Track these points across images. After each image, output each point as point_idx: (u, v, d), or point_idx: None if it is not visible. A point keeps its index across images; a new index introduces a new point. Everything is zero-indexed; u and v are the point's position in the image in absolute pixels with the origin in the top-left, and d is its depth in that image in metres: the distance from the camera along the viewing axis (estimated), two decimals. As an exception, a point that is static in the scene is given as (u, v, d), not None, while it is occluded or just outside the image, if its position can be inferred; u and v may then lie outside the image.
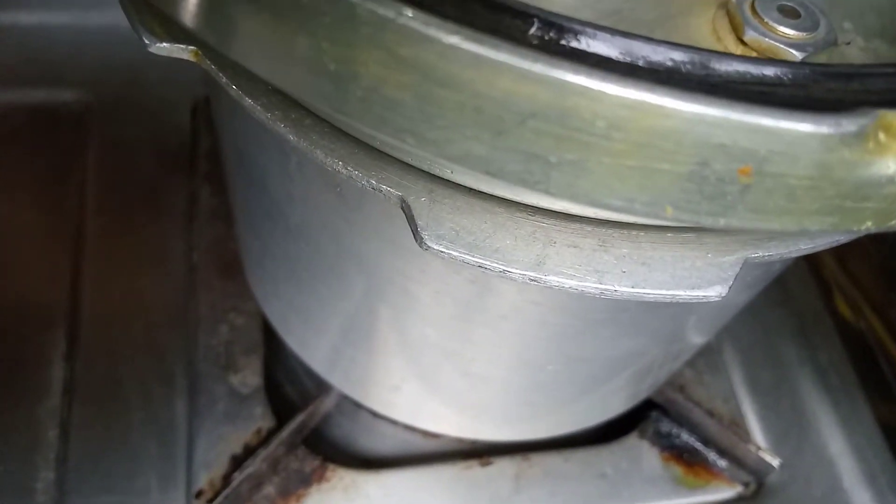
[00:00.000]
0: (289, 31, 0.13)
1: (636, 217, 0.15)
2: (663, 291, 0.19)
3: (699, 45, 0.21)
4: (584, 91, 0.12)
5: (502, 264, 0.19)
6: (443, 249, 0.19)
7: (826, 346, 0.55)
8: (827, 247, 0.22)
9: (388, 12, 0.12)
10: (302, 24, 0.13)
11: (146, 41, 0.22)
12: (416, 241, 0.20)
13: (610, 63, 0.13)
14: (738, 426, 0.48)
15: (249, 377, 0.46)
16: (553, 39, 0.13)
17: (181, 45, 0.22)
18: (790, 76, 0.14)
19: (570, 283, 0.19)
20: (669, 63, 0.14)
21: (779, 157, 0.13)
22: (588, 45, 0.13)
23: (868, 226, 0.15)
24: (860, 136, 0.13)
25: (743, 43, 0.21)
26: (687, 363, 0.50)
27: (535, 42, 0.13)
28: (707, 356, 0.51)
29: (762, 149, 0.13)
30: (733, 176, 0.13)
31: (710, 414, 0.48)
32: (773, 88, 0.14)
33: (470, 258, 0.19)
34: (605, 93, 0.12)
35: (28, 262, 0.50)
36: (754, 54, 0.21)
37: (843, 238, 0.22)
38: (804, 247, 0.22)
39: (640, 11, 0.22)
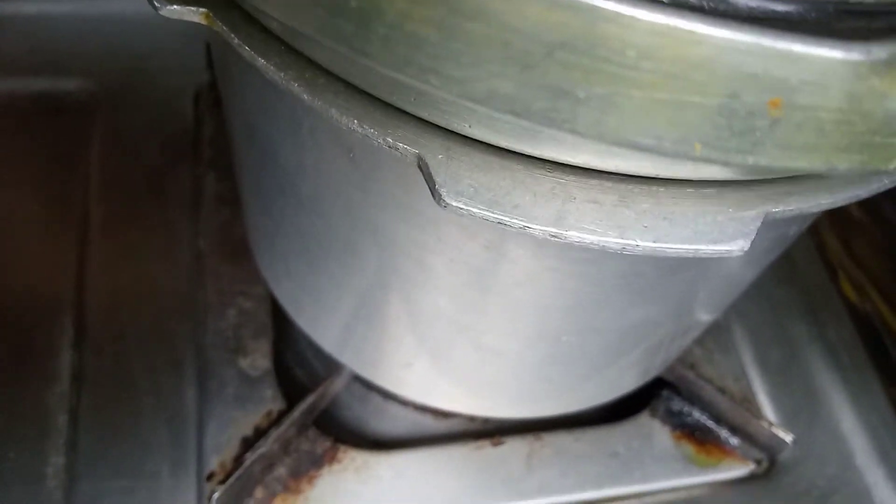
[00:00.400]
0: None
1: (663, 157, 0.15)
2: (685, 245, 0.19)
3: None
4: (615, 17, 0.12)
5: (522, 220, 0.19)
6: (461, 206, 0.19)
7: (835, 324, 0.55)
8: (847, 202, 0.22)
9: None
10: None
11: (156, 4, 0.22)
12: (434, 198, 0.19)
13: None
14: (749, 403, 0.48)
15: (259, 360, 0.46)
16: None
17: (191, 7, 0.22)
18: (814, 13, 0.14)
19: (591, 238, 0.19)
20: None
21: (809, 87, 0.13)
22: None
23: None
24: (891, 65, 0.13)
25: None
26: (697, 342, 0.50)
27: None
28: (717, 335, 0.51)
29: (793, 77, 0.13)
30: (763, 108, 0.13)
31: (722, 391, 0.47)
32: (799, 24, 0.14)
33: (489, 214, 0.19)
34: (636, 18, 0.12)
35: (34, 251, 0.49)
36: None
37: (863, 193, 0.22)
38: (824, 201, 0.21)
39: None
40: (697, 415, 0.48)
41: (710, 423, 0.48)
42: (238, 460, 0.41)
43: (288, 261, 0.35)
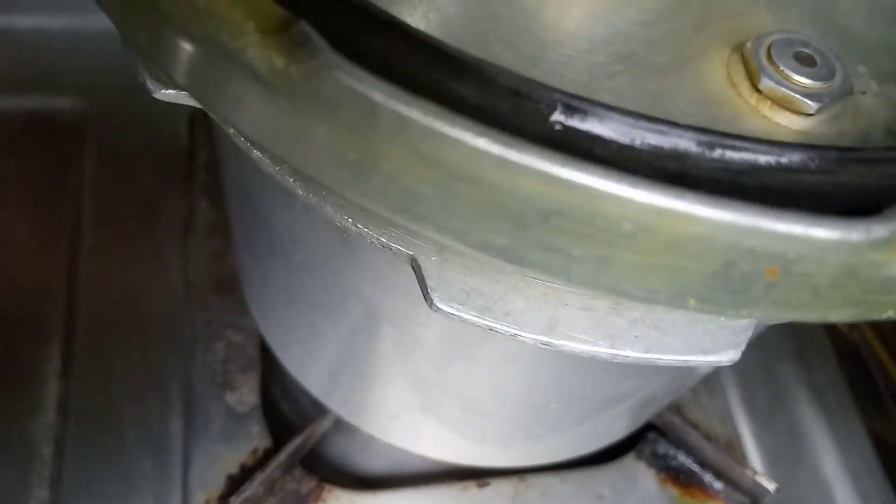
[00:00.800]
0: (306, 118, 0.13)
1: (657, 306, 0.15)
2: (676, 357, 0.19)
3: (714, 93, 0.20)
4: (611, 196, 0.12)
5: (514, 328, 0.19)
6: (453, 312, 0.19)
7: (822, 366, 0.55)
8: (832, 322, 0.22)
9: (411, 112, 0.12)
10: (321, 114, 0.13)
11: (150, 87, 0.21)
12: (426, 302, 0.19)
13: (635, 159, 0.13)
14: (734, 448, 0.48)
15: (246, 395, 0.46)
16: (576, 129, 0.13)
17: (185, 92, 0.22)
18: (817, 162, 0.14)
19: (582, 347, 0.19)
20: (693, 149, 0.14)
21: (807, 261, 0.13)
22: (612, 133, 0.13)
23: (889, 314, 0.15)
24: (890, 241, 0.13)
25: (758, 90, 0.21)
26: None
27: (559, 129, 0.13)
28: (705, 377, 0.51)
29: (791, 252, 0.13)
30: (759, 275, 0.13)
31: (707, 437, 0.48)
32: (800, 175, 0.14)
33: (481, 321, 0.19)
34: (632, 199, 0.12)
35: (22, 275, 0.49)
36: (769, 103, 0.20)
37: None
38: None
39: (654, 55, 0.22)
40: (683, 458, 0.48)
41: (695, 467, 0.48)
42: (223, 500, 0.41)
43: (276, 309, 0.35)
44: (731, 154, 0.14)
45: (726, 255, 0.13)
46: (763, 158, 0.14)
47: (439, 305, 0.19)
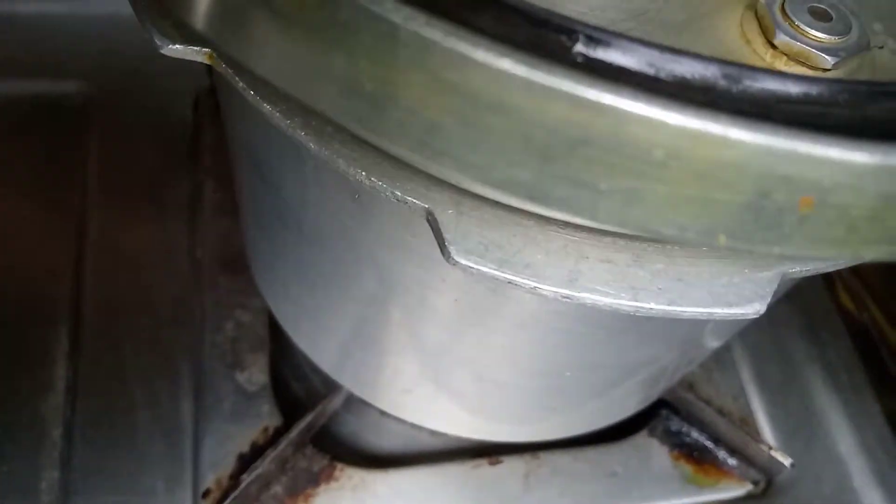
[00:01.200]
0: (322, 48, 0.12)
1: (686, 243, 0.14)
2: (701, 309, 0.19)
3: (728, 49, 0.20)
4: (643, 120, 0.12)
5: (534, 281, 0.18)
6: (471, 265, 0.19)
7: (834, 343, 0.54)
8: (866, 259, 0.21)
9: (433, 34, 0.11)
10: (338, 42, 0.12)
11: (158, 42, 0.21)
12: (443, 255, 0.19)
13: (660, 91, 0.12)
14: (748, 424, 0.48)
15: (256, 374, 0.46)
16: (599, 61, 0.12)
17: (195, 48, 0.21)
18: (846, 96, 0.13)
19: (604, 300, 0.18)
20: (720, 81, 0.13)
21: (843, 189, 0.12)
22: (637, 64, 0.13)
23: (926, 251, 0.14)
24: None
25: (773, 46, 0.20)
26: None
27: (581, 60, 0.13)
28: (716, 353, 0.50)
29: (827, 179, 0.12)
30: (794, 206, 0.13)
31: (720, 412, 0.47)
32: (829, 109, 0.13)
33: (500, 274, 0.19)
34: (664, 122, 0.12)
35: (29, 258, 0.49)
36: (784, 59, 0.20)
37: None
38: (843, 260, 0.21)
39: (667, 12, 0.21)
40: (696, 435, 0.48)
41: (709, 444, 0.48)
42: (234, 478, 0.41)
43: (287, 284, 0.35)
44: (758, 85, 0.13)
45: (760, 184, 0.12)
46: (792, 89, 0.13)
47: (457, 258, 0.19)
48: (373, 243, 0.25)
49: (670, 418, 0.48)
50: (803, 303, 0.55)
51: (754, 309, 0.19)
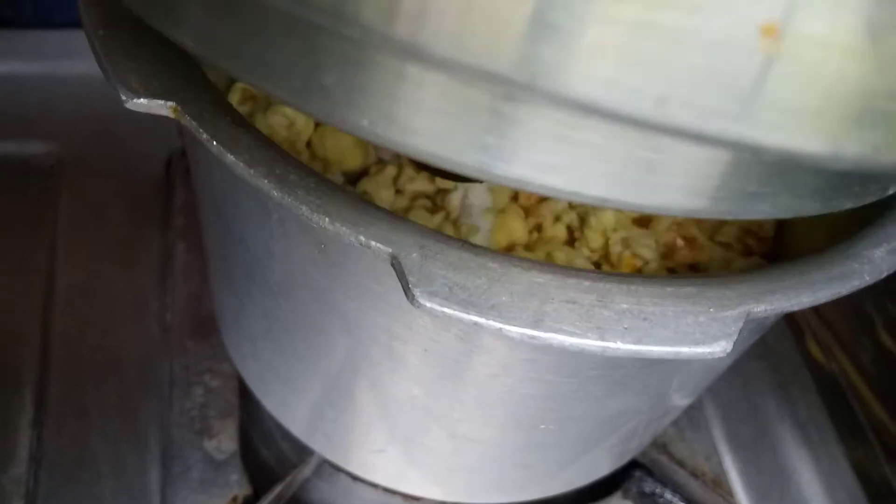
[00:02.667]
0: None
1: (626, 121, 0.13)
2: (667, 348, 0.19)
3: None
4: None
5: (499, 322, 0.18)
6: (436, 307, 0.18)
7: (804, 399, 0.54)
8: (828, 299, 0.21)
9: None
10: None
11: (123, 96, 0.21)
12: (408, 298, 0.19)
13: None
14: (720, 486, 0.47)
15: (225, 442, 0.44)
16: None
17: (160, 101, 0.21)
18: None
19: (570, 340, 0.18)
20: None
21: (816, 6, 0.10)
22: None
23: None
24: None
25: None
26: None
27: None
28: (688, 412, 0.50)
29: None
30: (754, 39, 0.10)
31: (693, 474, 0.47)
32: None
33: (465, 316, 0.18)
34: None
35: (-7, 322, 0.48)
36: None
37: (843, 290, 0.22)
38: (805, 299, 0.21)
39: None
40: (669, 497, 0.47)
41: (682, 506, 0.47)
42: (201, 550, 0.39)
43: (254, 341, 0.34)
44: None
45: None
46: None
47: (421, 301, 0.18)
48: (338, 293, 0.25)
49: (644, 479, 0.47)
50: (773, 359, 0.56)
51: (721, 347, 0.19)
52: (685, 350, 0.19)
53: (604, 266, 0.38)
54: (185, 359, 0.47)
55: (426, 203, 0.37)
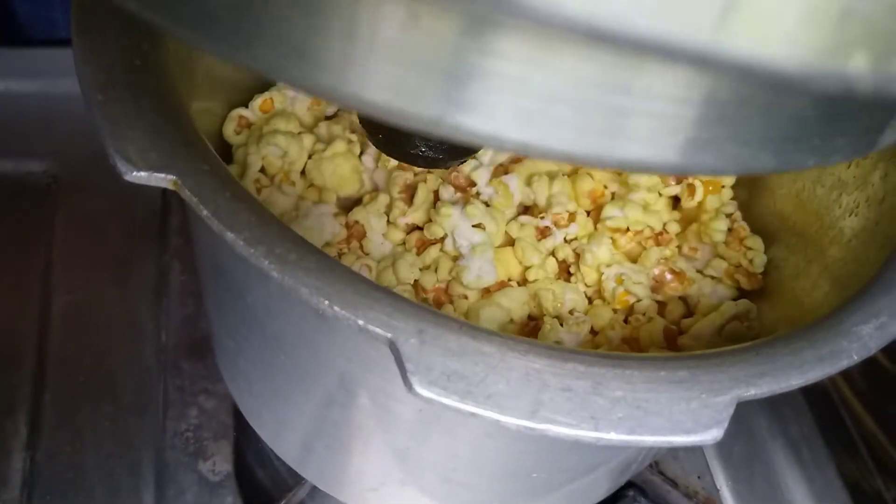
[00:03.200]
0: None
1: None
2: (659, 437, 0.19)
3: None
4: None
5: (496, 412, 0.19)
6: (433, 396, 0.19)
7: (796, 418, 0.55)
8: (817, 379, 0.22)
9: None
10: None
11: (122, 169, 0.21)
12: (405, 385, 0.19)
13: None
14: (713, 505, 0.48)
15: (220, 463, 0.45)
16: None
17: (160, 175, 0.21)
18: None
19: (566, 432, 0.19)
20: None
21: None
22: None
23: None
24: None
25: None
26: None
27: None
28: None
29: None
30: None
31: (687, 495, 0.47)
32: None
33: (463, 407, 0.19)
34: None
35: (-12, 342, 0.48)
36: None
37: (832, 370, 0.22)
38: (795, 381, 0.21)
39: None
40: (663, 517, 0.48)
41: (677, 527, 0.47)
42: (195, 576, 0.40)
43: (251, 381, 0.35)
44: None
45: None
46: None
47: (419, 391, 0.19)
48: (336, 354, 0.25)
49: (637, 499, 0.48)
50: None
51: (712, 436, 0.19)
52: (677, 439, 0.19)
53: (596, 301, 0.39)
54: (179, 379, 0.47)
55: (420, 235, 0.37)
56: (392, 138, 0.26)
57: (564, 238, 0.39)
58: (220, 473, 0.44)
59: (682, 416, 0.19)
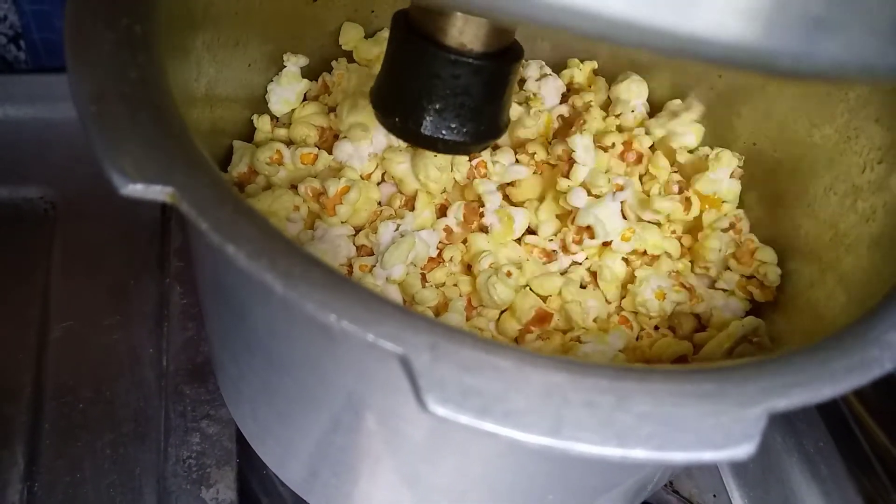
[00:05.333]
0: None
1: None
2: (689, 454, 0.18)
3: None
4: None
5: (516, 431, 0.18)
6: (449, 414, 0.18)
7: (811, 433, 0.54)
8: (847, 390, 0.21)
9: None
10: None
11: (116, 183, 0.20)
12: (419, 403, 0.18)
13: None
14: (729, 525, 0.47)
15: (223, 491, 0.43)
16: None
17: (157, 187, 0.20)
18: None
19: (590, 449, 0.17)
20: None
21: None
22: None
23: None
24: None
25: None
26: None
27: None
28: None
29: None
30: None
31: (703, 514, 0.46)
32: None
33: (480, 424, 0.18)
34: None
35: (-16, 372, 0.47)
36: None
37: (862, 380, 0.21)
38: (826, 391, 0.20)
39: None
40: (679, 537, 0.46)
41: (693, 547, 0.46)
42: None
43: (255, 406, 0.33)
44: None
45: None
46: None
47: (434, 408, 0.18)
48: (344, 375, 0.24)
49: (653, 519, 0.46)
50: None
51: (744, 451, 0.18)
52: (708, 455, 0.18)
53: (613, 317, 0.38)
54: (181, 405, 0.46)
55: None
56: (407, 114, 0.25)
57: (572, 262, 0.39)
58: (223, 501, 0.43)
59: (711, 430, 0.18)
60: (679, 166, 0.42)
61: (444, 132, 0.25)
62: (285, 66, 0.43)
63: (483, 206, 0.38)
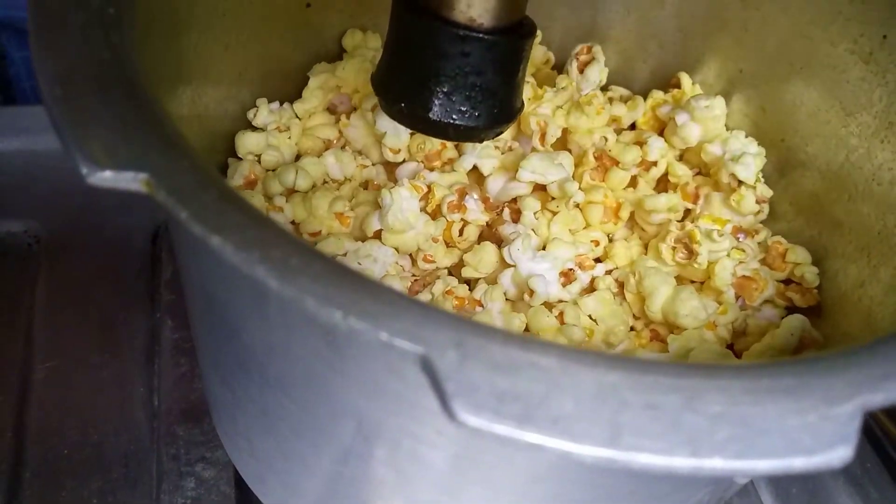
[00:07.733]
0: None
1: None
2: (775, 461, 0.15)
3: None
4: None
5: (568, 441, 0.14)
6: (484, 424, 0.14)
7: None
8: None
9: None
10: None
11: (84, 170, 0.17)
12: (446, 413, 0.15)
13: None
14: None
15: (220, 540, 0.40)
16: None
17: (129, 173, 0.17)
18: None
19: (657, 461, 0.14)
20: None
21: None
22: None
23: None
24: None
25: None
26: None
27: None
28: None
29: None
30: None
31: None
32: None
33: (521, 435, 0.14)
34: None
35: (-36, 417, 0.43)
36: None
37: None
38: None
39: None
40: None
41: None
42: None
43: (252, 440, 0.30)
44: None
45: None
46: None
47: (465, 418, 0.14)
48: (351, 392, 0.21)
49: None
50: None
51: (839, 455, 0.15)
52: (799, 462, 0.15)
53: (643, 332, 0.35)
54: (174, 448, 0.43)
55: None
56: (413, 98, 0.22)
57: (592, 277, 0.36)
58: (221, 552, 0.40)
59: (798, 432, 0.15)
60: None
61: (454, 116, 0.23)
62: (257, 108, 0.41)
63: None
